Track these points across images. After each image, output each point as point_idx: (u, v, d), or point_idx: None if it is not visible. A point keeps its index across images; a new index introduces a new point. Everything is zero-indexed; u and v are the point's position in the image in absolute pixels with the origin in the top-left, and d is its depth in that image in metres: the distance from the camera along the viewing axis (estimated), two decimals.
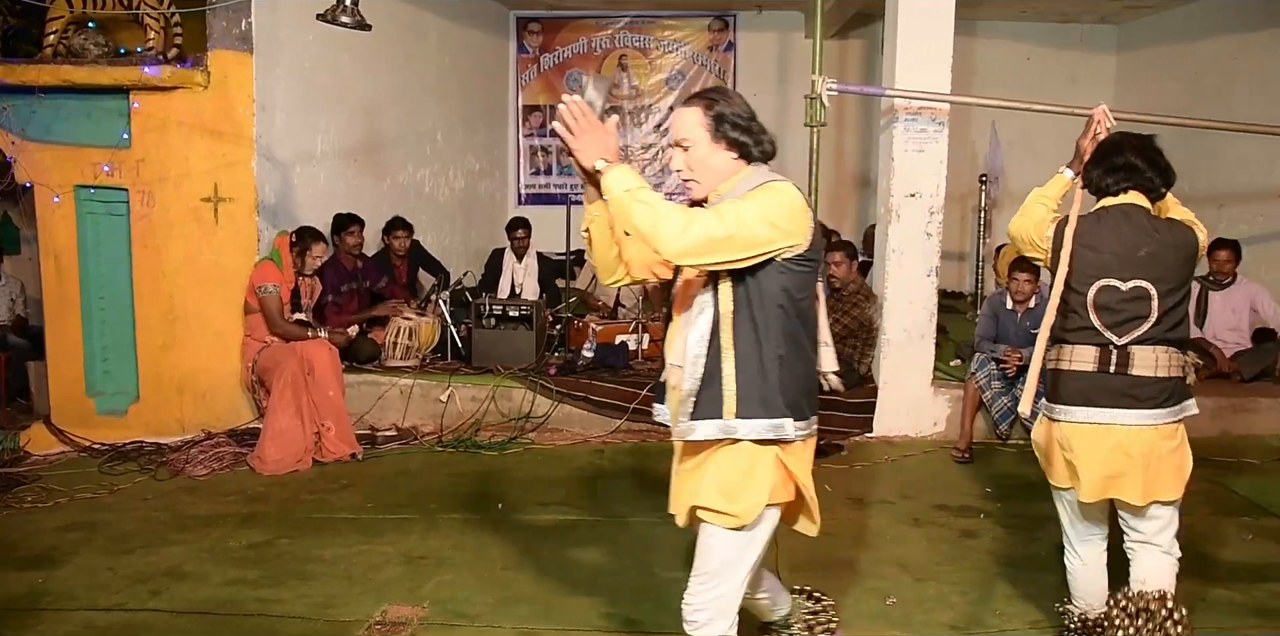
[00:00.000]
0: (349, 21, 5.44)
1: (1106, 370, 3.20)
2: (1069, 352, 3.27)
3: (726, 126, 2.65)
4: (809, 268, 2.65)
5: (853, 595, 4.05)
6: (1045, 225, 3.39)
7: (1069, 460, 3.28)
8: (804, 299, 2.66)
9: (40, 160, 6.38)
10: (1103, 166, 3.35)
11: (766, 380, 2.61)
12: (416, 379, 6.60)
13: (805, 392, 2.69)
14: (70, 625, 3.81)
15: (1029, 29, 10.95)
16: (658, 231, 2.48)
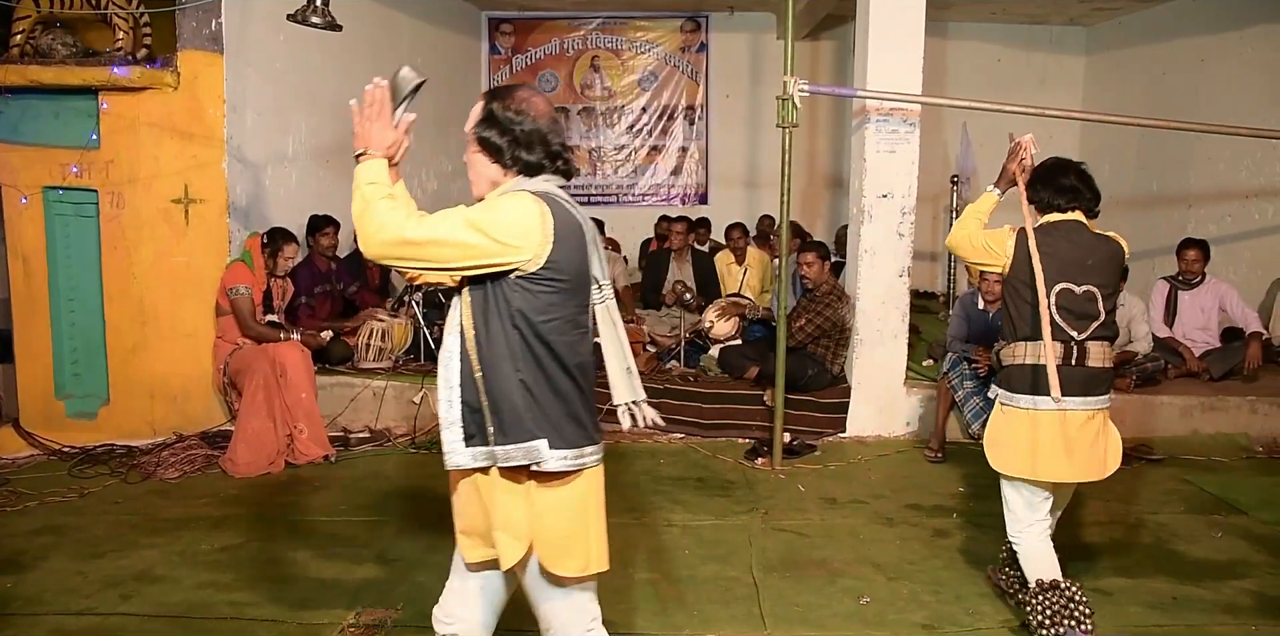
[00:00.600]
0: (319, 22, 5.41)
1: (1069, 363, 3.55)
2: (1032, 349, 3.58)
3: (483, 126, 2.55)
4: (552, 288, 2.44)
5: (826, 594, 4.07)
6: (999, 237, 3.71)
7: (1032, 447, 3.56)
8: (549, 321, 2.45)
9: (7, 161, 6.32)
10: (1052, 187, 3.72)
11: (513, 405, 2.46)
12: (389, 380, 6.58)
13: (569, 420, 2.52)
14: (40, 630, 3.77)
15: (999, 30, 11.06)
16: (362, 226, 2.44)
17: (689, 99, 11.64)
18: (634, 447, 6.26)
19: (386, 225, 2.42)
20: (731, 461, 5.97)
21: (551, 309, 2.46)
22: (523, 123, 2.52)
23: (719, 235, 9.18)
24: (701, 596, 4.04)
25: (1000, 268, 3.74)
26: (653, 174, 11.71)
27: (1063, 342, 3.56)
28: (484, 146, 2.56)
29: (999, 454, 3.67)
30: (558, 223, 2.42)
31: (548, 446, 2.47)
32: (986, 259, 3.78)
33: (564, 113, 11.62)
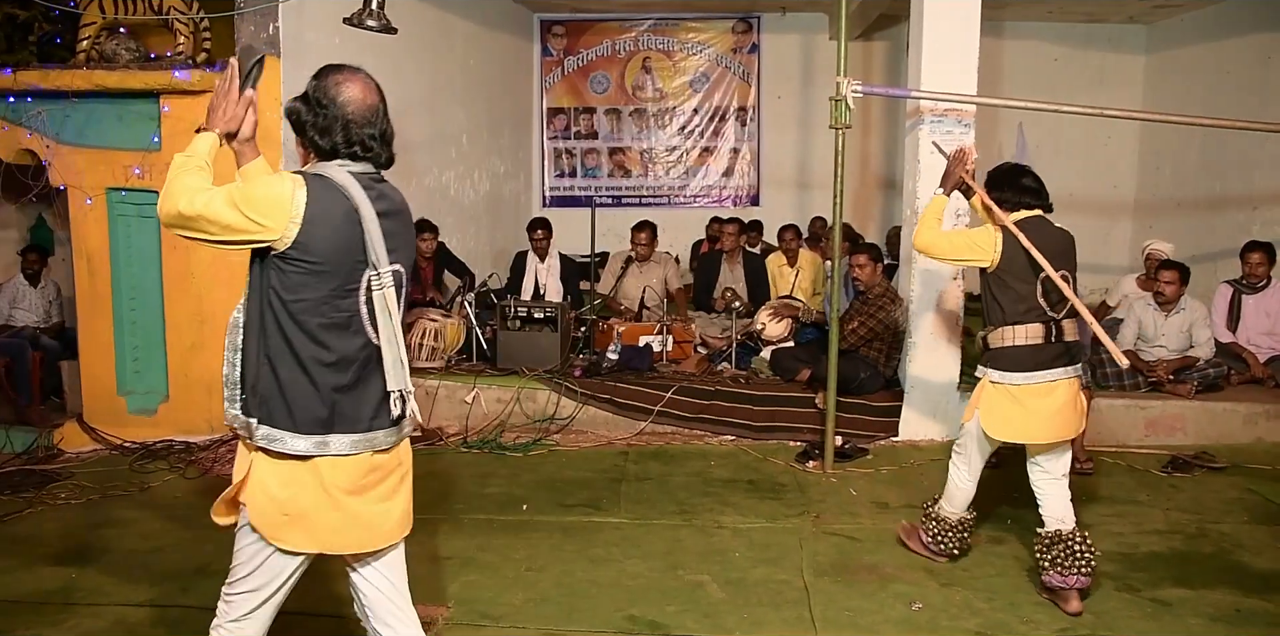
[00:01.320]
0: (375, 25, 5.48)
1: (1050, 340, 4.01)
2: (1018, 332, 4.02)
3: (298, 101, 2.60)
4: (302, 269, 2.43)
5: (878, 600, 4.04)
6: (985, 235, 4.08)
7: (1026, 415, 4.02)
8: (298, 302, 2.44)
9: (73, 163, 6.46)
10: (1015, 188, 4.15)
11: (261, 382, 2.49)
12: (442, 380, 6.63)
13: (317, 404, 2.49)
14: (103, 620, 3.85)
15: (1056, 29, 10.90)
16: (161, 194, 2.49)
17: (740, 100, 11.61)
18: (685, 449, 6.25)
19: (172, 195, 2.45)
20: (783, 464, 5.94)
21: (302, 289, 2.46)
22: (327, 108, 2.54)
23: (771, 237, 9.15)
24: (751, 599, 4.03)
25: (989, 263, 4.05)
26: (704, 175, 11.70)
27: (1043, 323, 4.01)
28: (291, 122, 2.59)
29: (1000, 425, 4.08)
30: (314, 205, 2.42)
31: (279, 428, 2.50)
32: (972, 255, 4.10)
33: (616, 114, 11.66)
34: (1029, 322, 4.00)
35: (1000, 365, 4.06)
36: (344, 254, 2.47)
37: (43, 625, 3.82)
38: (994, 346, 4.08)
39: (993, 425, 4.09)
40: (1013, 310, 4.04)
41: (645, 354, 6.88)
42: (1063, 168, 10.71)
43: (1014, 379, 4.02)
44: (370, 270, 2.50)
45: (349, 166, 2.55)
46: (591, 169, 11.76)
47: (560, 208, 11.41)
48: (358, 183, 2.51)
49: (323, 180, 2.48)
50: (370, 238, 2.48)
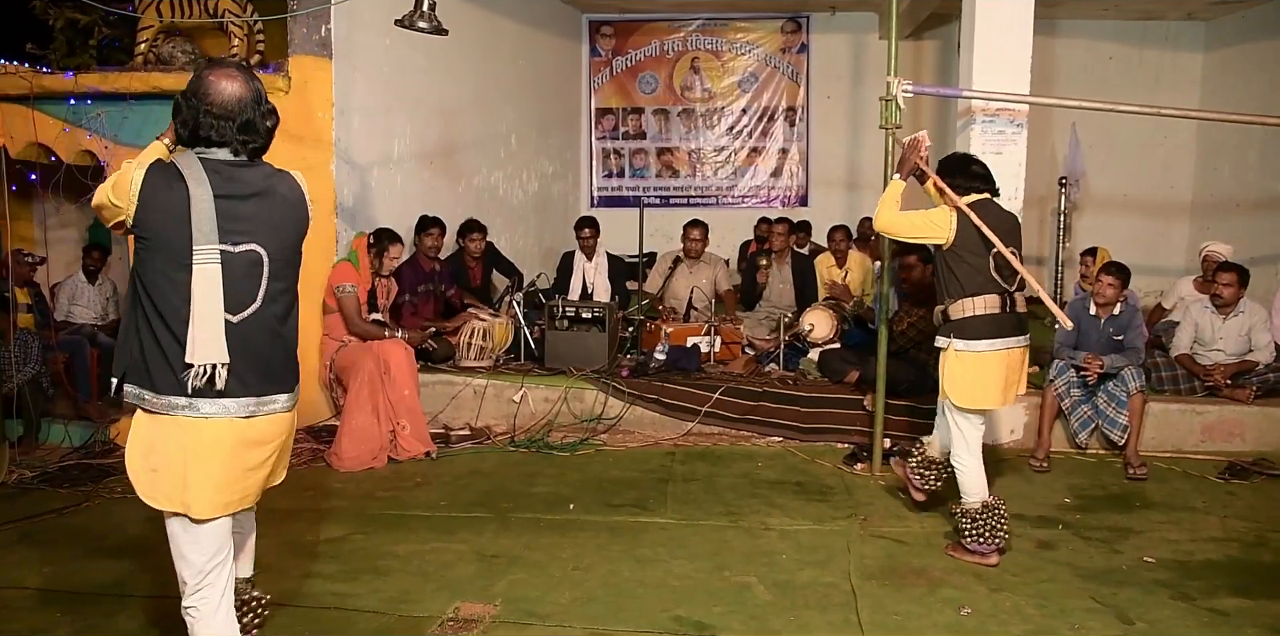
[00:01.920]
0: (426, 26, 5.52)
1: (1004, 311, 4.42)
2: (978, 302, 4.39)
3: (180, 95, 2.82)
4: (143, 245, 2.70)
5: (926, 604, 4.00)
6: (941, 215, 4.44)
7: (988, 381, 4.38)
8: (145, 273, 2.70)
9: None
10: (967, 174, 4.56)
11: (127, 346, 2.77)
12: (490, 379, 6.67)
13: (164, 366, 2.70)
14: (157, 613, 3.91)
15: (1111, 27, 10.73)
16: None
17: (789, 100, 11.57)
18: (732, 450, 6.24)
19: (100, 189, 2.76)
20: (830, 466, 5.91)
21: (146, 263, 2.72)
22: (190, 101, 2.77)
23: (819, 238, 9.10)
24: (798, 601, 4.01)
25: (944, 240, 4.43)
26: (752, 176, 11.66)
27: (999, 294, 4.41)
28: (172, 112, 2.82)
29: (965, 393, 4.40)
30: (148, 187, 2.67)
31: (138, 386, 2.75)
32: (930, 233, 4.47)
33: (664, 114, 11.67)
34: (987, 294, 4.40)
35: (964, 334, 4.41)
36: (174, 230, 2.67)
37: (99, 616, 3.89)
38: (955, 317, 4.44)
39: (959, 394, 4.42)
40: (970, 283, 4.42)
41: (693, 354, 6.88)
42: (1117, 168, 10.57)
43: (977, 346, 4.39)
44: (197, 247, 2.67)
45: (205, 153, 2.77)
46: (639, 169, 11.78)
47: (608, 208, 11.43)
48: (204, 168, 2.72)
49: (165, 166, 2.73)
50: (197, 217, 2.66)
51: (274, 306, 2.83)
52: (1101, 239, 8.78)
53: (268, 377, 2.82)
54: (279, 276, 2.83)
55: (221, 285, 2.70)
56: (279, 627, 3.78)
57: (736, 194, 11.70)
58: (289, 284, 2.90)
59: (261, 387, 2.81)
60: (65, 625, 3.82)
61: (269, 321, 2.82)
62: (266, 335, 2.82)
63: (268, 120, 2.85)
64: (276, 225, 2.83)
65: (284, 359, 2.91)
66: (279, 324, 2.87)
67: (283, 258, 2.84)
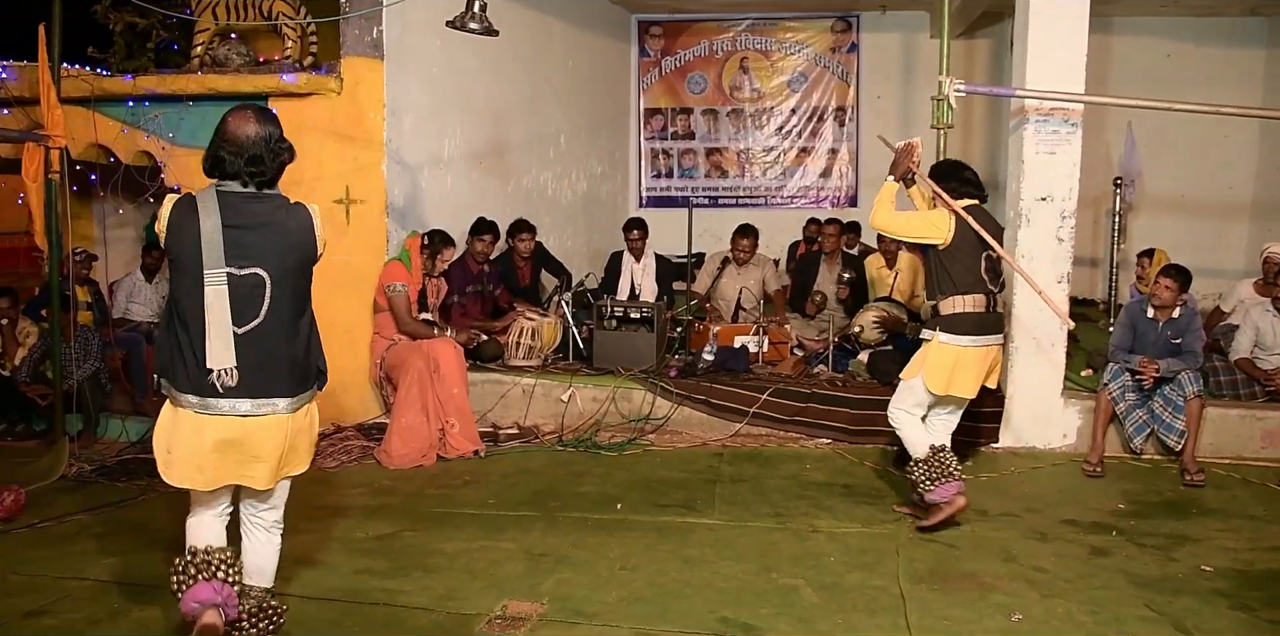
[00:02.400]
0: (477, 27, 5.56)
1: (988, 310, 4.75)
2: (967, 301, 4.70)
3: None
4: (171, 265, 3.23)
5: (976, 609, 3.95)
6: (939, 217, 4.71)
7: (963, 372, 4.71)
8: (174, 289, 3.20)
9: (187, 164, 6.68)
10: (958, 179, 4.84)
11: (164, 346, 3.23)
12: (538, 379, 6.69)
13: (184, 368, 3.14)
14: None
15: (1169, 24, 10.53)
16: None
17: (839, 100, 11.50)
18: (780, 452, 6.21)
19: None
20: (879, 468, 5.86)
21: (174, 279, 3.20)
22: (213, 138, 3.22)
23: (869, 238, 9.02)
24: (846, 605, 3.98)
25: (942, 241, 4.69)
26: (802, 176, 11.60)
27: (985, 294, 4.73)
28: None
29: (940, 380, 4.71)
30: (173, 216, 3.14)
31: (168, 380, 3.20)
32: (928, 233, 4.73)
33: (713, 114, 11.65)
34: (975, 293, 4.71)
35: (951, 329, 4.70)
36: (190, 255, 3.11)
37: (155, 608, 3.95)
38: (945, 313, 4.73)
39: (935, 381, 4.72)
40: (962, 282, 4.70)
41: (741, 355, 6.86)
42: (1174, 168, 10.38)
43: (962, 341, 4.69)
44: (207, 271, 3.09)
45: (222, 185, 3.21)
46: (688, 169, 11.77)
47: (656, 208, 11.43)
48: (217, 200, 3.15)
49: (189, 199, 3.17)
50: (206, 244, 3.09)
51: (277, 321, 3.20)
52: (1158, 240, 8.63)
53: (267, 383, 3.19)
54: (281, 296, 3.20)
55: (229, 302, 3.12)
56: (329, 622, 3.83)
57: (785, 194, 11.65)
58: (294, 302, 3.26)
59: (262, 391, 3.19)
60: (124, 616, 3.90)
61: (272, 334, 3.20)
62: (270, 346, 3.19)
63: (280, 156, 3.26)
64: (280, 252, 3.20)
65: (289, 368, 3.25)
66: (284, 337, 3.23)
67: (286, 280, 3.22)
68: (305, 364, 3.31)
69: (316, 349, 3.39)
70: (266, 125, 3.24)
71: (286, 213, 3.26)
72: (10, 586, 4.20)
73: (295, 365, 3.27)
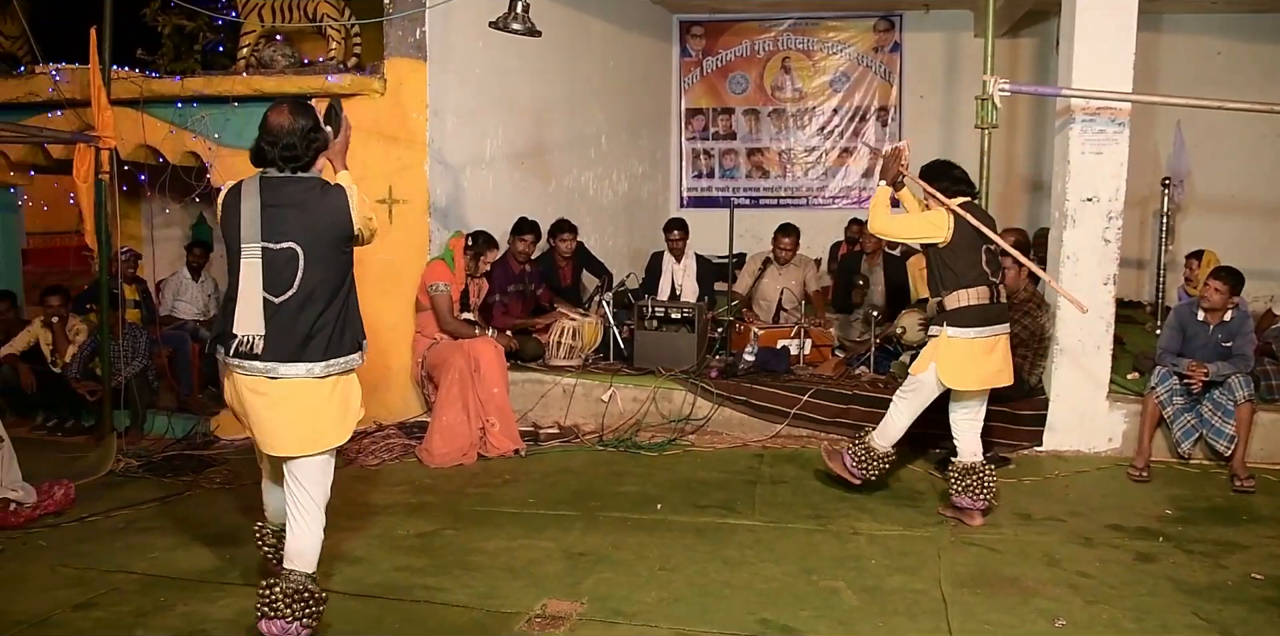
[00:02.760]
0: (520, 28, 5.58)
1: (991, 301, 4.87)
2: (971, 294, 4.82)
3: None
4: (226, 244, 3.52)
5: (1018, 614, 3.91)
6: (939, 216, 4.85)
7: (975, 364, 4.82)
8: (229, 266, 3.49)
9: (233, 164, 6.75)
10: (950, 178, 4.99)
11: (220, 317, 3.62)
12: (579, 378, 6.71)
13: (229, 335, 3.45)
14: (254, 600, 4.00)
15: (1220, 21, 10.34)
16: None
17: (881, 100, 11.42)
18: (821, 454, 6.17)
19: None
20: (921, 471, 5.82)
21: (228, 257, 3.51)
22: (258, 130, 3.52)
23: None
24: (887, 608, 3.95)
25: (942, 239, 4.83)
26: (844, 176, 11.53)
27: (988, 286, 4.85)
28: None
29: (955, 374, 4.83)
30: (228, 199, 3.49)
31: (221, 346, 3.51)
32: (928, 233, 4.87)
33: (754, 114, 11.62)
34: (978, 286, 4.83)
35: (959, 322, 4.82)
36: (234, 233, 3.45)
37: (200, 601, 4.01)
38: (950, 308, 4.84)
39: (948, 375, 4.84)
40: (965, 276, 4.84)
41: (782, 356, 6.83)
42: (1224, 168, 10.19)
43: (969, 334, 4.80)
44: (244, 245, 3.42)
45: (265, 171, 3.52)
46: (729, 170, 11.74)
47: (697, 208, 11.41)
48: (257, 182, 3.48)
49: (237, 185, 3.51)
50: (242, 221, 3.42)
51: (310, 292, 3.43)
52: (1207, 242, 8.49)
53: (297, 348, 3.43)
54: (314, 268, 3.44)
55: (261, 274, 3.41)
56: (369, 619, 3.86)
57: (827, 195, 11.59)
58: (328, 274, 3.47)
59: (290, 355, 3.43)
60: (170, 609, 3.95)
61: (305, 304, 3.43)
62: (302, 315, 3.43)
63: (314, 144, 3.52)
64: (313, 229, 3.45)
65: (320, 336, 3.46)
66: (317, 307, 3.45)
67: (318, 255, 3.45)
68: (339, 335, 3.51)
69: (353, 323, 3.58)
70: (299, 116, 3.50)
71: (320, 193, 3.49)
72: (60, 579, 4.28)
73: (327, 335, 3.47)
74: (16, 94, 7.04)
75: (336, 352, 3.50)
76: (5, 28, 7.40)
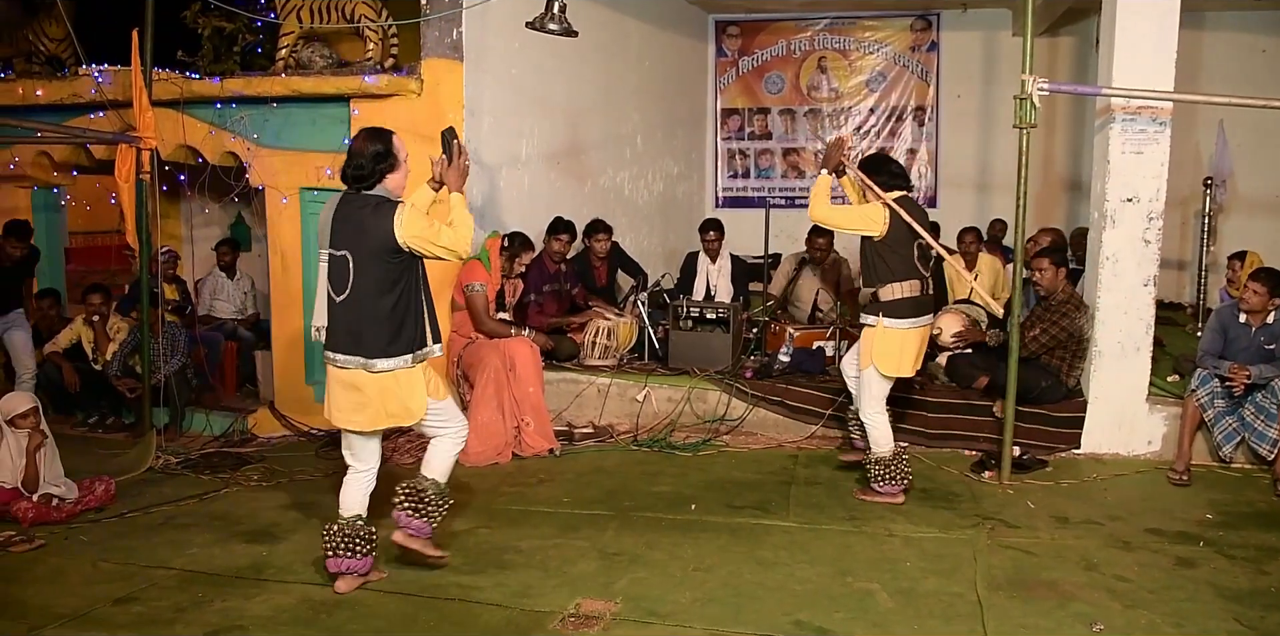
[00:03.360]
0: (556, 28, 5.59)
1: (922, 294, 5.10)
2: (904, 287, 5.04)
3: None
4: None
5: (1055, 618, 3.87)
6: (876, 209, 5.03)
7: (907, 353, 5.09)
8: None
9: (271, 164, 6.83)
10: (888, 172, 5.18)
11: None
12: (614, 378, 6.71)
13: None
14: (289, 597, 4.06)
15: (1264, 18, 10.17)
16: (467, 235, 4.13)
17: (918, 99, 11.34)
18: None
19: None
20: (957, 473, 5.77)
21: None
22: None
23: (948, 239, 8.88)
24: (922, 610, 3.92)
25: (879, 232, 5.01)
26: None
27: (919, 279, 5.08)
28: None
29: (891, 363, 5.08)
30: (323, 210, 4.00)
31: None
32: (865, 226, 5.05)
33: (790, 114, 11.58)
34: (911, 279, 5.05)
35: (894, 313, 5.04)
36: (322, 239, 3.97)
37: (237, 598, 4.05)
38: (885, 300, 5.05)
39: (885, 364, 5.07)
40: (899, 269, 5.04)
41: (818, 357, 6.80)
42: (1269, 168, 10.03)
43: (903, 324, 5.05)
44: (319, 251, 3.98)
45: (347, 190, 3.98)
46: (765, 170, 11.70)
47: (732, 209, 11.39)
48: (339, 198, 3.98)
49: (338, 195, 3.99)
50: (319, 232, 3.99)
51: (362, 295, 3.87)
52: (1251, 242, 8.37)
53: (355, 342, 3.89)
54: (364, 273, 3.86)
55: (328, 275, 3.93)
56: (404, 617, 3.88)
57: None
58: (377, 278, 3.86)
59: (349, 349, 3.91)
60: (207, 604, 4.00)
61: (358, 305, 3.87)
62: (356, 314, 3.88)
63: (379, 165, 3.90)
64: (362, 239, 3.86)
65: (375, 331, 3.87)
66: (368, 308, 3.86)
67: (365, 263, 3.86)
68: (393, 334, 3.89)
69: (407, 329, 3.92)
70: (371, 142, 3.91)
71: (372, 209, 3.86)
72: (101, 573, 4.35)
73: (379, 333, 3.87)
74: (60, 95, 7.15)
75: (390, 351, 3.89)
76: (50, 30, 7.53)
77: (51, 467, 5.21)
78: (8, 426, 5.14)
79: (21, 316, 7.29)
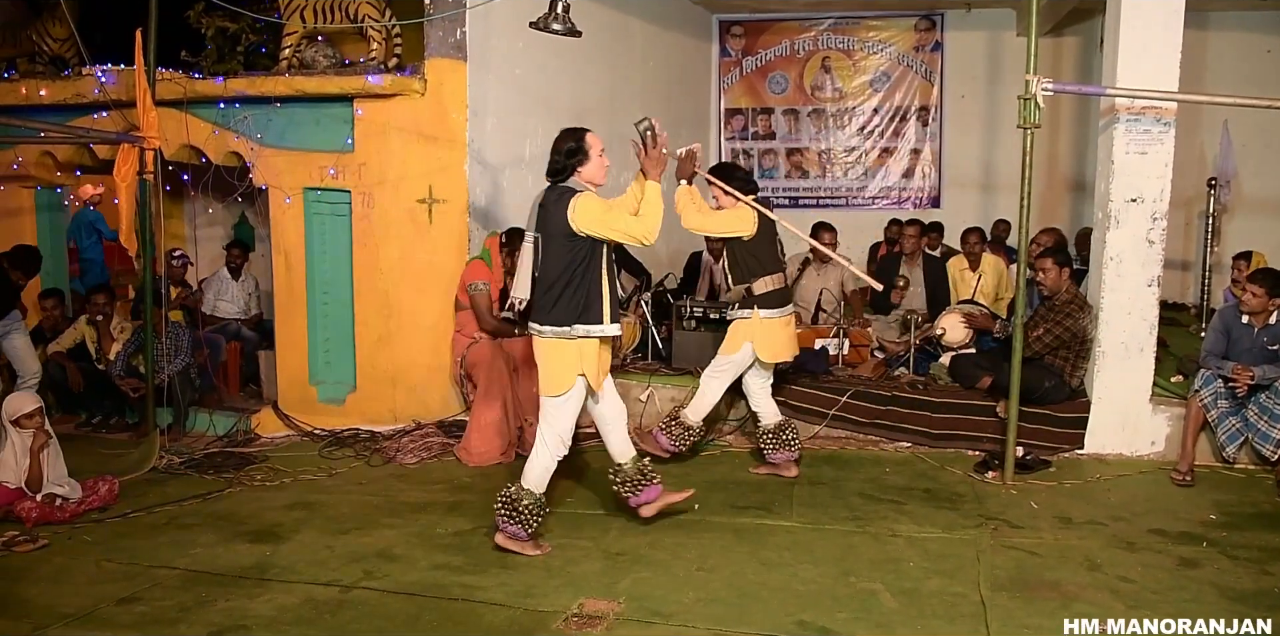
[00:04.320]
0: (560, 28, 5.58)
1: (784, 286, 5.58)
2: (772, 280, 5.47)
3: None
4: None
5: (1058, 618, 3.85)
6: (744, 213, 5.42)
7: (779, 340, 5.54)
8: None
9: (274, 165, 6.83)
10: (740, 178, 5.56)
11: None
12: (617, 378, 6.66)
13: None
14: (293, 596, 4.06)
15: (1269, 18, 10.15)
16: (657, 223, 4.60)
17: (922, 99, 11.33)
18: (859, 455, 6.15)
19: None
20: (960, 473, 5.77)
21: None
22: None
23: (951, 240, 8.88)
24: (925, 611, 3.92)
25: (749, 233, 5.40)
26: (883, 176, 11.46)
27: (781, 273, 5.56)
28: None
29: (767, 350, 5.50)
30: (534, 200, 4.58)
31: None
32: (739, 228, 5.42)
33: (794, 114, 11.57)
34: (776, 272, 5.51)
35: (767, 305, 5.46)
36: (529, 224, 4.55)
37: (240, 597, 4.05)
38: (759, 292, 5.45)
39: (765, 351, 5.50)
40: (769, 264, 5.49)
41: (821, 357, 6.79)
42: (1273, 168, 10.02)
43: (774, 313, 5.48)
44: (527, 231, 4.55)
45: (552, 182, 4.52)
46: (769, 170, 11.69)
47: None
48: (546, 190, 4.51)
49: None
50: (530, 216, 4.54)
51: (546, 272, 4.40)
52: (1254, 243, 8.35)
53: (543, 312, 4.40)
54: (548, 253, 4.40)
55: (531, 254, 4.47)
56: (408, 616, 3.88)
57: (867, 195, 11.52)
58: (557, 258, 4.36)
59: (537, 318, 4.42)
60: (211, 604, 4.00)
61: (543, 280, 4.41)
62: (545, 286, 4.40)
63: (571, 159, 4.44)
64: (550, 223, 4.38)
65: (554, 302, 4.36)
66: (548, 282, 4.38)
67: (550, 244, 4.39)
68: (561, 307, 4.35)
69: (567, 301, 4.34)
70: (565, 140, 4.48)
71: (557, 197, 4.38)
72: (105, 573, 4.35)
73: (559, 301, 4.36)
74: (64, 95, 7.17)
75: (558, 321, 4.36)
76: (53, 30, 7.53)
77: (55, 467, 5.22)
78: (12, 426, 5.15)
79: (19, 320, 6.95)
